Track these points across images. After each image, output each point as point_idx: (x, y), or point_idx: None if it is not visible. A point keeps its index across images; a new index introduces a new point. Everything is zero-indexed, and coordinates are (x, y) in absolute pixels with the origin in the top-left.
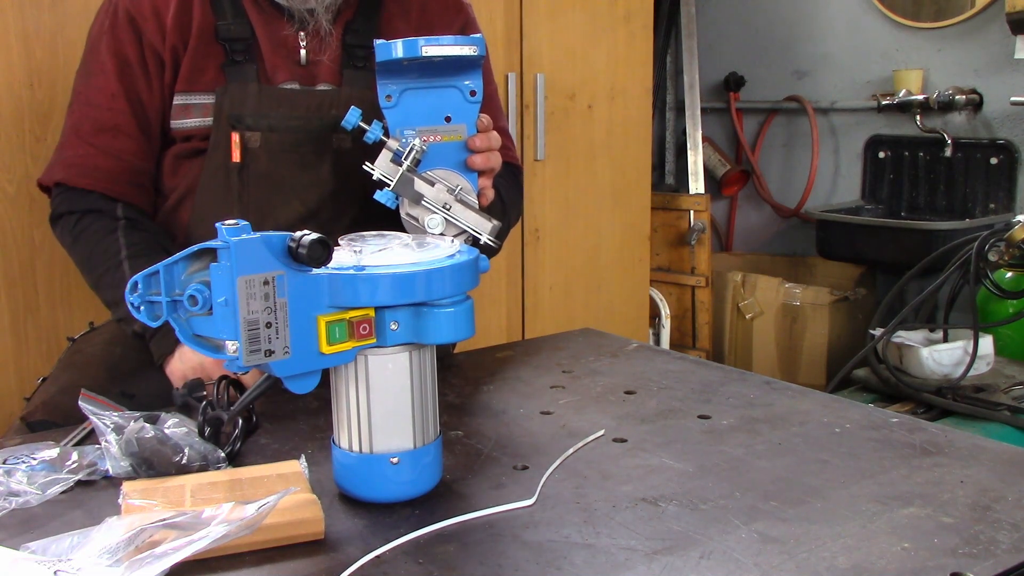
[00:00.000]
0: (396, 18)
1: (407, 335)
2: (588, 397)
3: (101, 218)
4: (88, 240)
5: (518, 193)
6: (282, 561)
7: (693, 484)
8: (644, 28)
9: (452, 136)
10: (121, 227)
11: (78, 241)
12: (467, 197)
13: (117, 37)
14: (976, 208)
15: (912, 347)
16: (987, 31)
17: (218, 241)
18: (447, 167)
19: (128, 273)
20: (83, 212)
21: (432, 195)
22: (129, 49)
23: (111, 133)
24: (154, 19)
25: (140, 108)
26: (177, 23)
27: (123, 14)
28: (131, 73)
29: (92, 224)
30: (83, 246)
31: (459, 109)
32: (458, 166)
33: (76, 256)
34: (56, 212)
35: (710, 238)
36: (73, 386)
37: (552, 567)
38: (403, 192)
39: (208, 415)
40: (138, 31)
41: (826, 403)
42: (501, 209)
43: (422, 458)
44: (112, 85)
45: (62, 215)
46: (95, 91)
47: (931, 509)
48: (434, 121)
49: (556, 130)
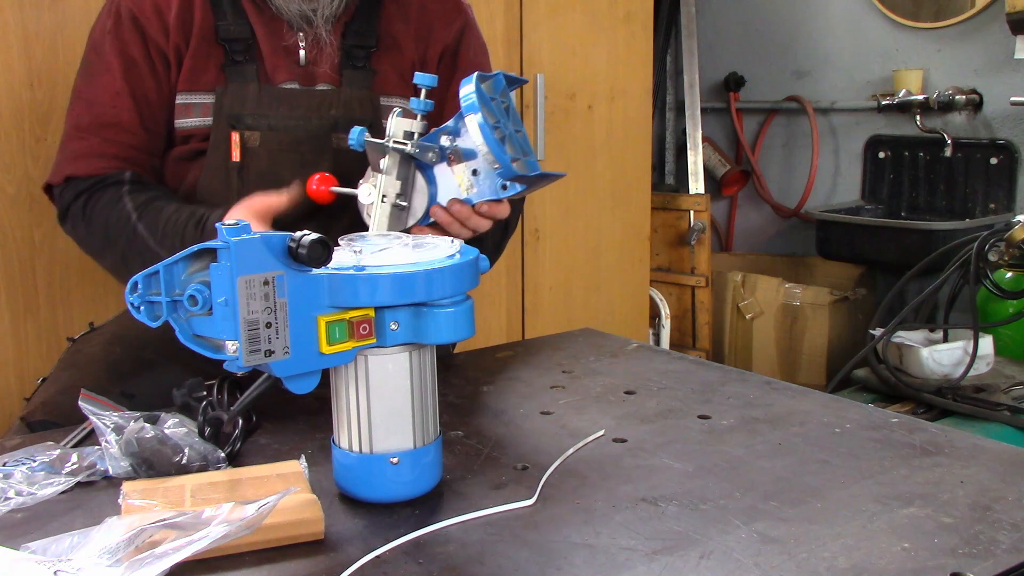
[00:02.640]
0: (395, 19)
1: (407, 335)
2: (588, 397)
3: (107, 189)
4: (99, 216)
5: (517, 201)
6: (282, 561)
7: (693, 484)
8: (644, 28)
9: (460, 176)
10: (126, 192)
11: (91, 223)
12: (400, 211)
13: (121, 37)
14: (976, 208)
15: (912, 347)
16: (987, 31)
17: (218, 241)
18: (431, 187)
19: (144, 233)
20: (90, 192)
21: (383, 180)
22: (134, 49)
23: (114, 128)
24: (157, 18)
25: (146, 106)
26: (179, 22)
27: (126, 14)
28: (137, 72)
29: (100, 199)
30: (96, 226)
31: (483, 173)
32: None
33: (94, 240)
34: (64, 206)
35: (710, 238)
36: (73, 386)
37: (552, 567)
38: (374, 150)
39: (208, 415)
40: (142, 30)
41: (826, 403)
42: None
43: (422, 458)
44: (117, 84)
45: (70, 206)
46: (98, 90)
47: (931, 509)
48: (470, 156)
49: (556, 130)
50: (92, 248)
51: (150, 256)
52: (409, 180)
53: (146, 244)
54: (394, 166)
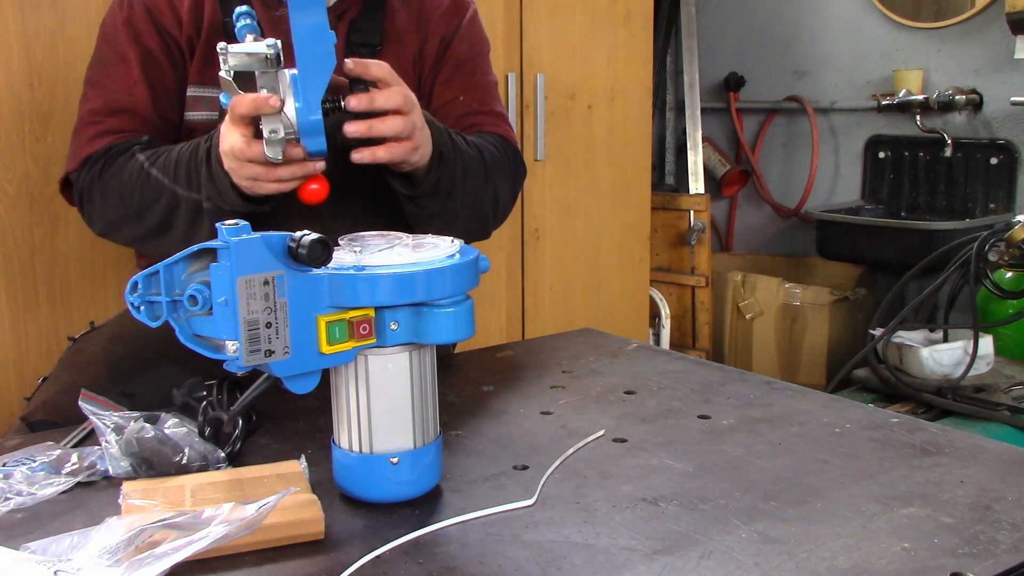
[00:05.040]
0: (399, 13)
1: (407, 335)
2: (588, 397)
3: (121, 153)
4: (113, 179)
5: (504, 161)
6: (282, 561)
7: (693, 484)
8: (644, 28)
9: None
10: (138, 150)
11: (106, 188)
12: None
13: (136, 29)
14: (976, 208)
15: (912, 347)
16: (987, 31)
17: (218, 241)
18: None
19: (158, 175)
20: (105, 159)
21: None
22: (150, 40)
23: (128, 115)
24: (170, 11)
25: (164, 95)
26: (191, 16)
27: (139, 6)
28: (155, 63)
29: (114, 163)
30: (112, 189)
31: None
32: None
33: (109, 205)
34: (81, 186)
35: (710, 238)
36: (73, 386)
37: (552, 567)
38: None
39: (208, 415)
40: (156, 22)
41: (826, 403)
42: (480, 158)
43: (422, 458)
44: (133, 74)
45: (86, 181)
46: (114, 80)
47: (931, 509)
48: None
49: (556, 130)
50: (108, 218)
51: (166, 197)
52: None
53: (161, 184)
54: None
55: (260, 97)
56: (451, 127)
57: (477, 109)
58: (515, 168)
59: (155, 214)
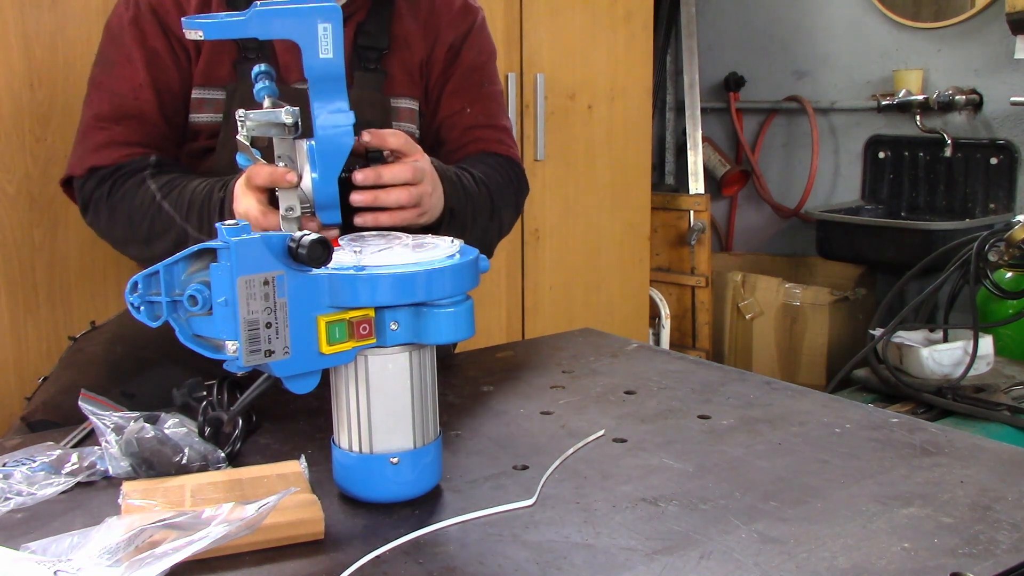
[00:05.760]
0: (406, 18)
1: (407, 335)
2: (588, 397)
3: (131, 176)
4: (123, 202)
5: (508, 186)
6: (282, 561)
7: (693, 484)
8: (644, 28)
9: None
10: (149, 175)
11: (115, 210)
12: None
13: (142, 29)
14: (976, 208)
15: (912, 347)
16: (987, 31)
17: (218, 241)
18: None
19: (169, 210)
20: (114, 179)
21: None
22: (156, 41)
23: (136, 120)
24: (176, 11)
25: (169, 97)
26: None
27: (145, 6)
28: (160, 64)
29: (124, 185)
30: (120, 212)
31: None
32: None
33: (117, 227)
34: (86, 197)
35: (710, 238)
36: (74, 386)
37: (552, 567)
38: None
39: (208, 415)
40: (162, 22)
41: (826, 403)
42: (487, 194)
43: (422, 458)
44: (139, 75)
45: (92, 196)
46: (119, 81)
47: (931, 509)
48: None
49: (556, 130)
50: (115, 236)
51: (175, 232)
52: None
53: (171, 219)
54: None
55: (278, 171)
56: (457, 138)
57: (483, 123)
58: (518, 188)
59: (163, 243)
